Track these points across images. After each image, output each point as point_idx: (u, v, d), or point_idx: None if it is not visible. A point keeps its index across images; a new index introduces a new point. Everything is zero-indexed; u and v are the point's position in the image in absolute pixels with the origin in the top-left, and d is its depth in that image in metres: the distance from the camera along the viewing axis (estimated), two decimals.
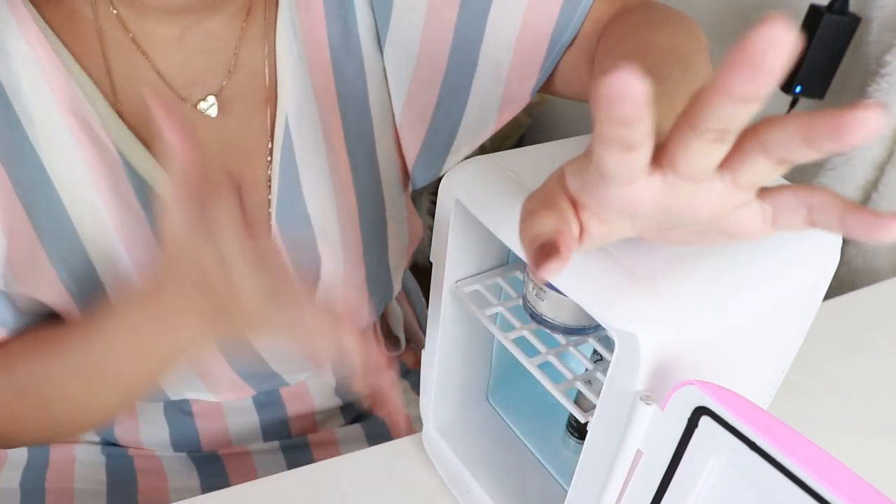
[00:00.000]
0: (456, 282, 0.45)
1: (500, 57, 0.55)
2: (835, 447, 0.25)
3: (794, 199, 0.26)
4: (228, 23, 0.51)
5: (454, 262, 0.44)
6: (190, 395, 0.60)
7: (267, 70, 0.52)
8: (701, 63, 0.44)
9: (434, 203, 1.33)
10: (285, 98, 0.52)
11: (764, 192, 0.27)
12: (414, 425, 0.64)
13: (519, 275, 0.47)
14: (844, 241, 0.36)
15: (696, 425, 0.29)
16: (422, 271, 0.71)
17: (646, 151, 0.24)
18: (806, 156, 0.23)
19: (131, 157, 0.48)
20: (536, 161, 0.41)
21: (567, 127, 1.65)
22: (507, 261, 0.48)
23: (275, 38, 0.52)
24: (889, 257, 0.97)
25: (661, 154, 0.25)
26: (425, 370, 0.52)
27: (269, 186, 0.54)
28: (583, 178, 0.27)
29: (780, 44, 0.20)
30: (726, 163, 0.25)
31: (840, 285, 0.97)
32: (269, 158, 0.53)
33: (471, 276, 0.46)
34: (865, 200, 1.02)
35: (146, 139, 0.49)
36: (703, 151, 0.24)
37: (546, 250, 0.26)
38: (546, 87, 0.58)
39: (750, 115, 0.22)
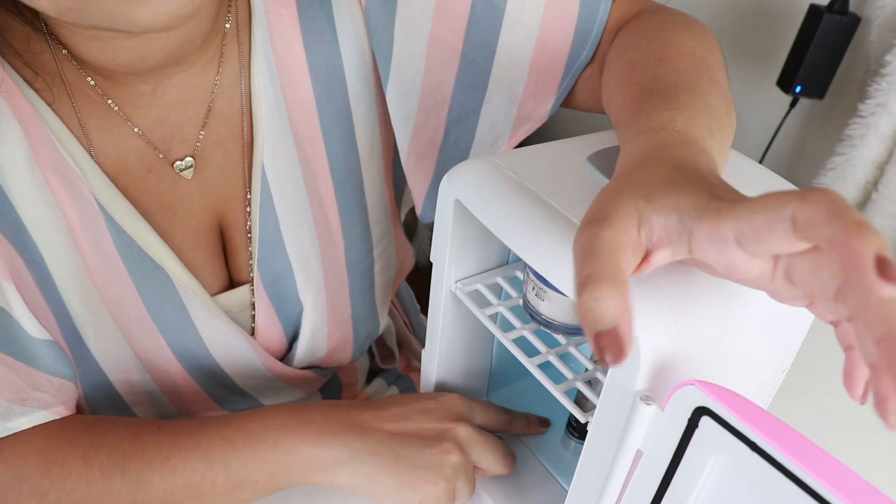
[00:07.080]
0: (456, 282, 0.45)
1: (514, 80, 0.53)
2: (835, 447, 0.25)
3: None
4: (202, 73, 0.49)
5: (454, 262, 0.44)
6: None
7: (244, 117, 0.51)
8: (723, 77, 0.43)
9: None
10: (261, 146, 0.51)
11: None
12: None
13: (519, 274, 0.47)
14: None
15: (697, 425, 0.29)
16: (421, 271, 0.71)
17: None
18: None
19: (113, 210, 0.47)
20: (536, 161, 0.41)
21: (567, 127, 1.65)
22: (507, 261, 0.48)
23: (250, 83, 0.50)
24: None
25: None
26: (425, 370, 0.52)
27: (250, 237, 0.53)
28: (700, 221, 0.27)
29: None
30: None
31: None
32: (248, 209, 0.52)
33: (471, 276, 0.46)
34: (865, 200, 1.02)
35: (126, 194, 0.48)
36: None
37: (606, 341, 0.26)
38: (562, 102, 0.57)
39: None
